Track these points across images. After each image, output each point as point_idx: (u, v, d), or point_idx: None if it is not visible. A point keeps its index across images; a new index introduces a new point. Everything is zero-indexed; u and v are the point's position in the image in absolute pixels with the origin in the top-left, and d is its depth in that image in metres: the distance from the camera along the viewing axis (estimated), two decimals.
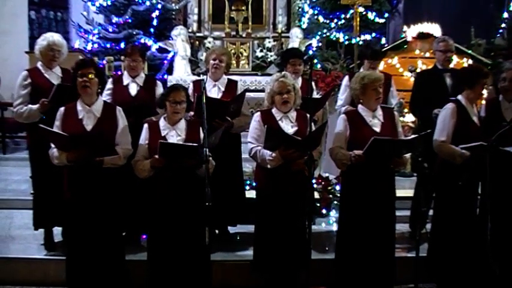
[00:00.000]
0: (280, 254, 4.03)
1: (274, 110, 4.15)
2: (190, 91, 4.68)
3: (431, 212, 4.65)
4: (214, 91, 4.77)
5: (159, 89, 4.81)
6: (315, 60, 7.35)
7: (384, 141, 3.91)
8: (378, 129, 4.07)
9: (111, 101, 4.66)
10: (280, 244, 4.02)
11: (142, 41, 7.28)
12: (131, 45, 5.77)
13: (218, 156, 4.09)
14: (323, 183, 5.66)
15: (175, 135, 3.97)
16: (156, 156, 3.83)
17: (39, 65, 4.69)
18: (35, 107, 4.46)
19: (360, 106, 4.16)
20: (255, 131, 4.14)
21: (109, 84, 4.86)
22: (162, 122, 4.04)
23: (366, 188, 4.01)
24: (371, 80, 4.06)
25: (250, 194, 5.23)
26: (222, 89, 4.82)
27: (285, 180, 4.00)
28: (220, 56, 4.79)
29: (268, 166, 3.98)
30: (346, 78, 5.41)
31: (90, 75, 3.90)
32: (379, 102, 4.15)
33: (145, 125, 4.07)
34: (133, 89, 4.80)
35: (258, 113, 4.20)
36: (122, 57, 6.73)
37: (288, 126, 4.07)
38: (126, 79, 4.84)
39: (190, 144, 3.82)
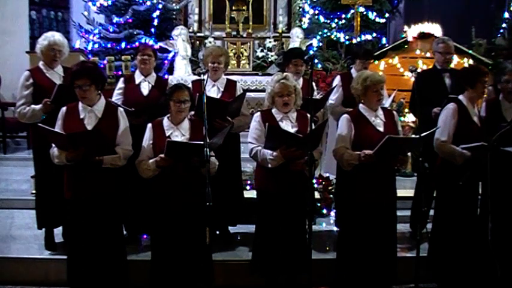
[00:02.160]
0: (280, 255, 4.03)
1: (274, 110, 4.15)
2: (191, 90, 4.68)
3: (432, 212, 4.66)
4: (213, 91, 4.77)
5: None
6: (316, 60, 7.35)
7: (398, 140, 3.93)
8: (381, 128, 4.07)
9: (122, 100, 4.68)
10: (280, 245, 4.02)
11: (143, 40, 7.27)
12: (143, 43, 5.80)
13: (217, 156, 4.10)
14: (324, 183, 5.66)
15: (179, 134, 3.97)
16: (162, 155, 3.83)
17: (40, 64, 4.68)
18: (38, 107, 4.46)
19: (361, 106, 4.16)
20: (255, 131, 4.13)
21: (120, 84, 4.88)
22: (165, 122, 4.03)
23: (368, 188, 4.00)
24: (373, 82, 4.06)
25: (252, 194, 5.25)
26: (221, 89, 4.81)
27: (285, 180, 3.99)
28: (218, 57, 4.77)
29: (269, 165, 3.98)
30: (338, 78, 5.40)
31: (85, 86, 3.88)
32: (380, 103, 4.16)
33: (149, 125, 4.06)
34: (145, 89, 4.81)
35: (258, 113, 4.20)
36: (125, 57, 6.78)
37: (288, 127, 4.07)
38: (138, 78, 4.85)
39: (197, 142, 3.82)
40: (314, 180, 5.15)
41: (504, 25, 8.38)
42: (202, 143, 3.78)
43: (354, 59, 5.42)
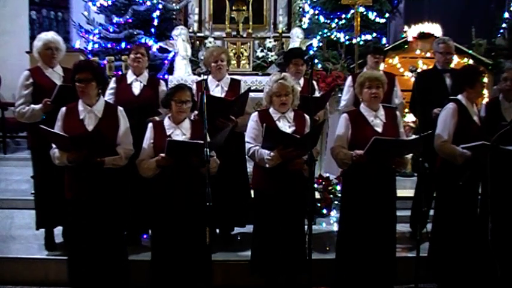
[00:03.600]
0: (278, 256, 4.02)
1: (271, 110, 4.15)
2: (193, 91, 4.68)
3: (432, 212, 4.66)
4: (217, 90, 4.78)
5: (163, 88, 4.82)
6: (316, 60, 7.35)
7: (385, 141, 3.91)
8: (379, 129, 4.06)
9: (114, 100, 4.67)
10: (278, 245, 4.02)
11: (143, 41, 7.27)
12: (141, 43, 5.81)
13: (222, 156, 4.10)
14: (323, 183, 5.66)
15: (180, 134, 3.98)
16: (163, 155, 3.83)
17: (40, 64, 4.69)
18: (38, 107, 4.46)
19: (361, 106, 4.16)
20: (252, 130, 4.13)
21: (112, 84, 4.87)
22: (166, 122, 4.04)
23: (367, 188, 4.01)
24: (365, 77, 4.08)
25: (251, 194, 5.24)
26: (225, 88, 4.82)
27: (283, 180, 3.99)
28: (220, 55, 4.79)
29: (267, 165, 3.98)
30: (350, 79, 5.42)
31: (86, 80, 3.89)
32: (376, 101, 4.13)
33: (150, 125, 4.07)
34: (136, 88, 4.80)
35: (256, 113, 4.21)
36: (125, 57, 6.79)
37: (286, 126, 4.07)
38: (130, 78, 4.85)
39: (197, 141, 3.82)
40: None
41: (504, 25, 8.37)
42: (202, 142, 3.78)
43: (364, 56, 5.43)
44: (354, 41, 7.26)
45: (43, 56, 4.64)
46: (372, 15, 8.10)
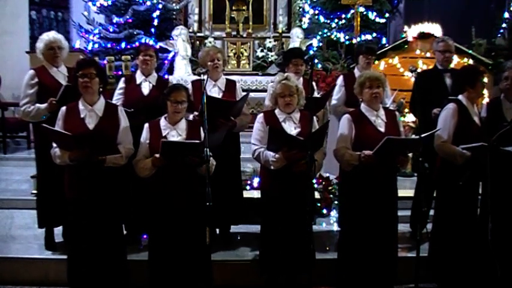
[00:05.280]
0: (285, 256, 4.02)
1: (277, 111, 4.15)
2: (189, 91, 4.69)
3: (432, 212, 4.66)
4: (214, 91, 4.78)
5: None
6: (316, 60, 7.36)
7: (397, 141, 3.92)
8: (382, 129, 4.06)
9: (122, 100, 4.69)
10: (285, 246, 4.02)
11: (143, 40, 7.28)
12: (144, 43, 5.81)
13: (218, 156, 4.10)
14: (324, 183, 5.66)
15: (176, 134, 3.98)
16: (157, 156, 3.83)
17: (45, 64, 4.70)
18: (43, 106, 4.46)
19: (362, 106, 4.16)
20: (258, 132, 4.13)
21: (121, 84, 4.88)
22: (162, 122, 4.04)
23: (370, 188, 4.01)
24: (366, 77, 4.09)
25: (251, 194, 5.25)
26: (222, 88, 4.83)
27: (289, 182, 3.99)
28: (216, 54, 4.80)
29: (272, 167, 3.98)
30: (341, 78, 5.43)
31: (91, 75, 3.91)
32: (377, 101, 4.13)
33: (146, 125, 4.07)
34: (145, 88, 4.81)
35: (261, 114, 4.21)
36: (125, 57, 6.80)
37: (291, 127, 4.07)
38: (139, 78, 4.85)
39: (191, 141, 3.83)
40: (314, 180, 5.16)
41: (504, 25, 8.38)
42: (196, 142, 3.79)
43: (357, 57, 5.43)
44: (354, 41, 7.28)
45: (47, 57, 4.65)
46: (372, 15, 8.12)
